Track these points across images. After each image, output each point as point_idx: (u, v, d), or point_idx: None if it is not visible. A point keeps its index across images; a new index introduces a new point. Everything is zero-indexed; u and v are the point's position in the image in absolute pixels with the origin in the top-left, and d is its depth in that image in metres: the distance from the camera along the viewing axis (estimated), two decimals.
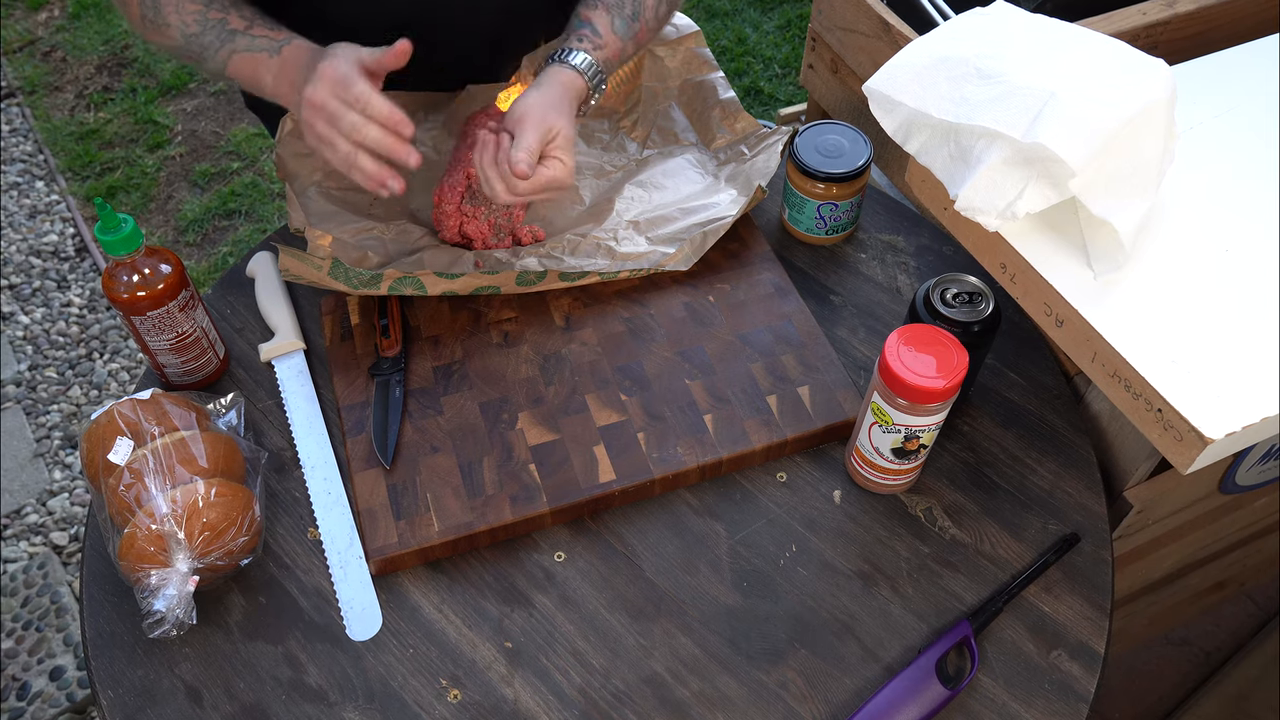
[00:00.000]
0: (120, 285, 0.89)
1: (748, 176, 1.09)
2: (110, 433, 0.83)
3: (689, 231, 1.06)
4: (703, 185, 1.11)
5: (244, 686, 0.80)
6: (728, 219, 1.05)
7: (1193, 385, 0.72)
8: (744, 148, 1.12)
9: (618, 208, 1.08)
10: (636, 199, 1.09)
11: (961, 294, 0.86)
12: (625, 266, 1.03)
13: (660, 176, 1.11)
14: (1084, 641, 0.81)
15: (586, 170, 1.13)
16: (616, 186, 1.11)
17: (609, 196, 1.09)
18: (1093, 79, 0.78)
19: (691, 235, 1.04)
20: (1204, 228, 0.83)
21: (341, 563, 0.86)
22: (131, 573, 0.79)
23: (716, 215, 1.06)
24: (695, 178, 1.11)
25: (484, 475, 0.89)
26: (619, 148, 1.16)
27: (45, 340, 2.16)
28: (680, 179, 1.11)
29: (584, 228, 1.06)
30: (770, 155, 1.09)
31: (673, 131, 1.16)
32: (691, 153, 1.14)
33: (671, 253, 1.04)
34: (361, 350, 0.99)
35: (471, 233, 1.04)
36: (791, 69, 2.70)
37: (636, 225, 1.07)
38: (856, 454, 0.88)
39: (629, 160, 1.15)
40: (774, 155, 1.09)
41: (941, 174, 0.82)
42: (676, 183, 1.11)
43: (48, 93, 2.76)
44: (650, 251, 1.04)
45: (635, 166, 1.13)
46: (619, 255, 1.04)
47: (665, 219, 1.07)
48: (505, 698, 0.79)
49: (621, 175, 1.13)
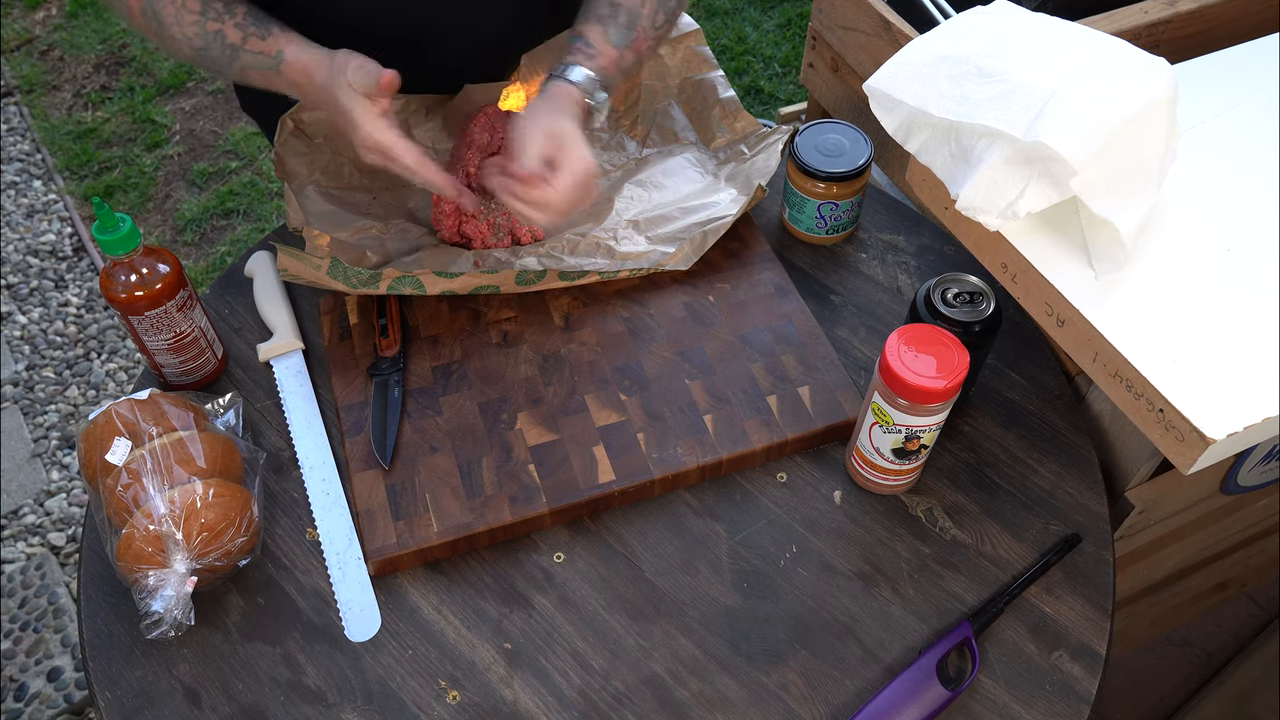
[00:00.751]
0: (118, 285, 0.88)
1: (747, 176, 1.08)
2: (108, 433, 0.83)
3: (689, 231, 1.05)
4: (702, 184, 1.10)
5: (242, 688, 0.80)
6: (728, 218, 1.05)
7: (1194, 385, 0.72)
8: (744, 147, 1.12)
9: (617, 207, 1.08)
10: (636, 198, 1.09)
11: (962, 294, 0.86)
12: (625, 266, 1.02)
13: (660, 175, 1.11)
14: (1085, 642, 0.81)
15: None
16: (616, 186, 1.10)
17: (608, 195, 1.09)
18: (1094, 78, 0.78)
19: (691, 235, 1.04)
20: (1206, 227, 0.83)
21: (340, 563, 0.86)
22: (129, 573, 0.79)
23: (716, 214, 1.06)
24: (695, 177, 1.11)
25: (483, 476, 0.89)
26: (618, 146, 1.16)
27: (43, 340, 2.16)
28: (680, 178, 1.11)
29: (583, 227, 1.06)
30: (770, 154, 1.09)
31: (672, 130, 1.16)
32: (691, 152, 1.14)
33: (671, 252, 1.03)
34: (360, 350, 0.99)
35: (470, 232, 1.04)
36: (792, 68, 2.70)
37: (636, 225, 1.06)
38: (857, 454, 0.87)
39: (628, 159, 1.14)
40: (774, 154, 1.09)
41: (942, 173, 0.82)
42: (676, 182, 1.10)
43: (45, 92, 2.75)
44: (650, 251, 1.04)
45: (634, 165, 1.13)
46: (619, 254, 1.04)
47: (665, 218, 1.07)
48: (504, 699, 0.79)
49: (621, 174, 1.12)
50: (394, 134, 0.90)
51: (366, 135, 0.90)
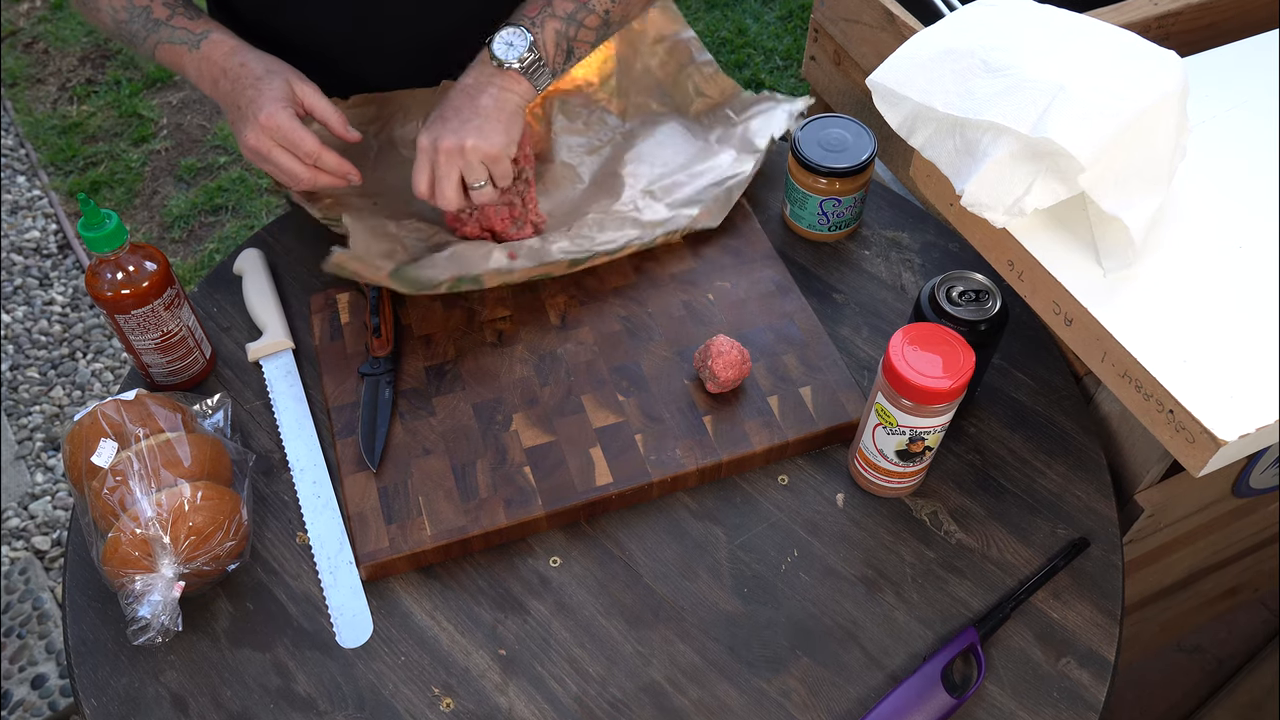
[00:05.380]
0: (104, 283, 0.88)
1: (743, 137, 1.11)
2: (93, 434, 0.83)
3: (704, 193, 1.07)
4: (698, 148, 1.13)
5: (231, 695, 0.79)
6: (745, 173, 1.07)
7: (1205, 385, 0.71)
8: (729, 111, 1.14)
9: (626, 181, 1.09)
10: (641, 170, 1.10)
11: (968, 292, 0.85)
12: (658, 233, 1.04)
13: (654, 146, 1.13)
14: (1093, 649, 0.80)
15: (578, 148, 1.13)
16: (614, 160, 1.11)
17: (612, 170, 1.10)
18: (1102, 72, 0.77)
19: (713, 194, 1.06)
20: (1217, 224, 0.82)
21: (331, 568, 0.85)
22: (115, 578, 0.79)
23: (727, 174, 1.08)
24: (688, 143, 1.14)
25: (477, 478, 0.88)
26: (599, 123, 1.16)
27: (27, 339, 2.14)
28: (673, 147, 1.13)
29: (601, 204, 1.07)
30: (769, 119, 1.12)
31: (650, 100, 1.17)
32: (675, 120, 1.16)
33: (696, 214, 1.05)
34: (352, 350, 0.97)
35: (497, 228, 1.03)
36: (793, 61, 2.69)
37: (652, 194, 1.08)
38: (860, 456, 0.87)
39: (613, 133, 1.15)
40: (773, 119, 1.12)
41: (947, 168, 0.81)
42: (672, 150, 1.13)
43: (29, 85, 2.73)
44: (674, 215, 1.06)
45: (622, 139, 1.14)
46: (646, 224, 1.05)
47: (676, 184, 1.09)
48: (499, 707, 0.78)
49: (610, 149, 1.13)
50: (296, 121, 0.90)
51: (269, 115, 0.88)
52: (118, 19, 0.93)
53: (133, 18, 0.93)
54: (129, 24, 0.93)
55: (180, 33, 0.92)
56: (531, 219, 1.04)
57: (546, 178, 1.10)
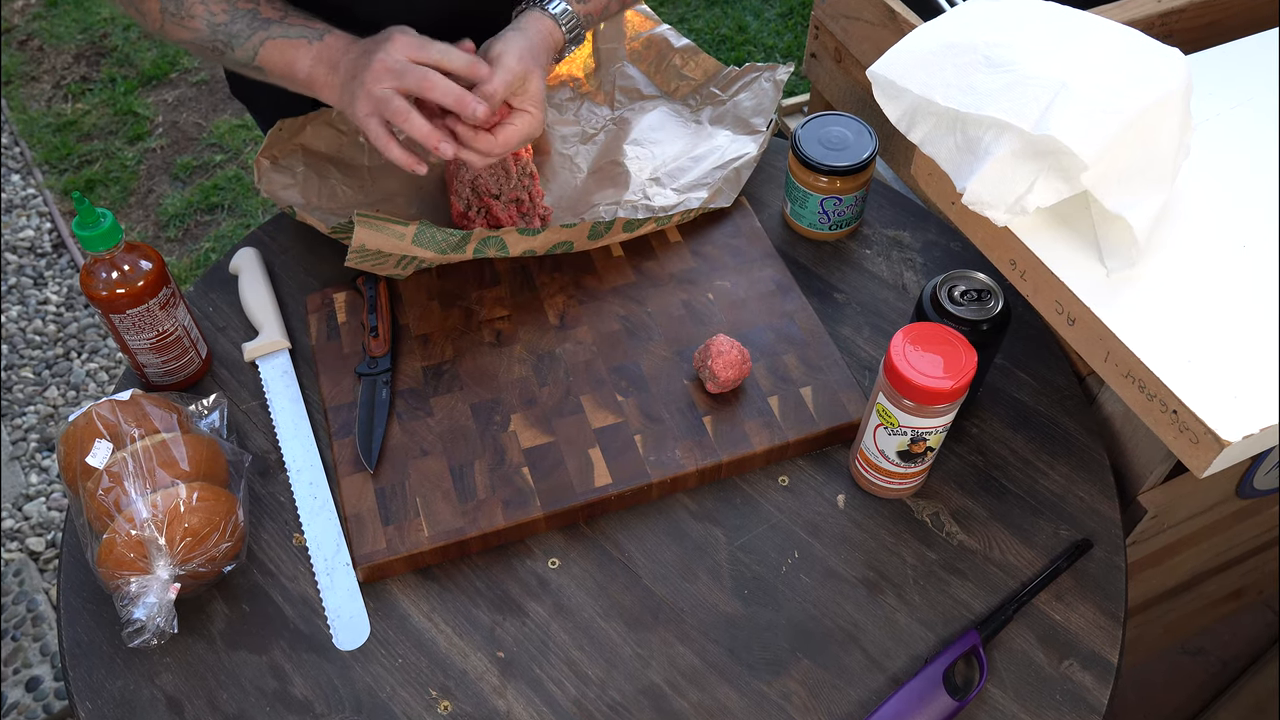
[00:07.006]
0: (99, 282, 0.87)
1: (734, 115, 1.13)
2: (88, 435, 0.82)
3: (710, 176, 1.08)
4: (693, 130, 1.14)
5: (227, 698, 0.79)
6: (751, 154, 1.09)
7: (1209, 386, 0.71)
8: (715, 89, 1.16)
9: (630, 170, 1.10)
10: (642, 157, 1.11)
11: (970, 291, 0.85)
12: (674, 211, 1.05)
13: (649, 132, 1.14)
14: (1096, 651, 0.80)
15: (572, 138, 1.14)
16: (613, 149, 1.12)
17: (613, 159, 1.11)
18: (1106, 68, 0.77)
19: (721, 176, 1.07)
20: (1221, 223, 0.82)
21: (328, 570, 0.85)
22: (110, 580, 0.78)
23: (729, 156, 1.09)
24: (682, 126, 1.15)
25: (475, 479, 0.87)
26: (589, 113, 1.17)
27: (21, 339, 2.13)
28: (667, 132, 1.14)
29: (610, 193, 1.08)
30: (757, 93, 1.13)
31: (635, 89, 1.18)
32: (662, 104, 1.17)
33: (706, 196, 1.06)
34: (349, 349, 0.97)
35: (503, 220, 1.03)
36: (794, 58, 2.69)
37: (658, 181, 1.09)
38: (861, 457, 0.86)
39: (604, 121, 1.16)
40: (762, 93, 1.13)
41: (947, 165, 0.81)
42: (668, 135, 1.14)
43: (24, 83, 2.72)
44: (685, 198, 1.07)
45: (615, 127, 1.15)
46: (659, 209, 1.06)
47: (680, 169, 1.10)
48: (497, 709, 0.78)
49: (605, 136, 1.14)
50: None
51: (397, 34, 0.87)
52: (215, 23, 0.92)
53: (234, 19, 0.92)
54: (229, 25, 0.92)
55: (298, 29, 0.92)
56: (539, 212, 1.04)
57: (545, 170, 1.11)
